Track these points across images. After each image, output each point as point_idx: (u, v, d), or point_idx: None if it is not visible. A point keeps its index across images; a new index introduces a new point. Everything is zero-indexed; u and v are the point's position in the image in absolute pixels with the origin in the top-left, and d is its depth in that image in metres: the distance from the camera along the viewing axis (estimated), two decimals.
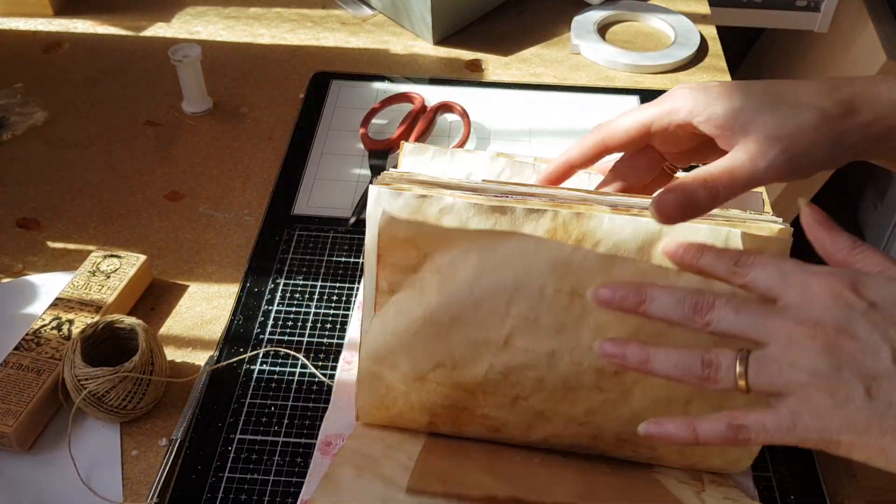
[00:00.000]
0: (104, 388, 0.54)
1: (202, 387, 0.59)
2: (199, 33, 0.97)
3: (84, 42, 0.95)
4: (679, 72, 0.93)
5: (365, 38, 0.97)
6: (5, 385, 0.56)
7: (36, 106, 0.85)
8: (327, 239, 0.71)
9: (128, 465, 0.55)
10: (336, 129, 0.83)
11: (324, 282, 0.68)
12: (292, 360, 0.62)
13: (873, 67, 1.28)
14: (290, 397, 0.59)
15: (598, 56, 0.93)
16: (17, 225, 0.73)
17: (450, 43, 0.96)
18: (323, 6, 1.02)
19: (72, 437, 0.56)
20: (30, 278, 0.68)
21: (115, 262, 0.65)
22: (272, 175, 0.78)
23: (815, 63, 1.46)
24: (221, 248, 0.71)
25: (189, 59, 0.81)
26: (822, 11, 1.28)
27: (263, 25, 0.99)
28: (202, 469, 0.55)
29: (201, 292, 0.67)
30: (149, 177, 0.78)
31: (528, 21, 1.00)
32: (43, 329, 0.60)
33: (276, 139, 0.82)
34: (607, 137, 0.51)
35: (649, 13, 1.00)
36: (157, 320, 0.65)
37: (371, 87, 0.89)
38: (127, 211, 0.74)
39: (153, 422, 0.58)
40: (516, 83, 0.90)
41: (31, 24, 0.97)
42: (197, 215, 0.74)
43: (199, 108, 0.85)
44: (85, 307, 0.61)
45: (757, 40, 1.68)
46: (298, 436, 0.57)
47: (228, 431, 0.57)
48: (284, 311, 0.65)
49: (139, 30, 0.97)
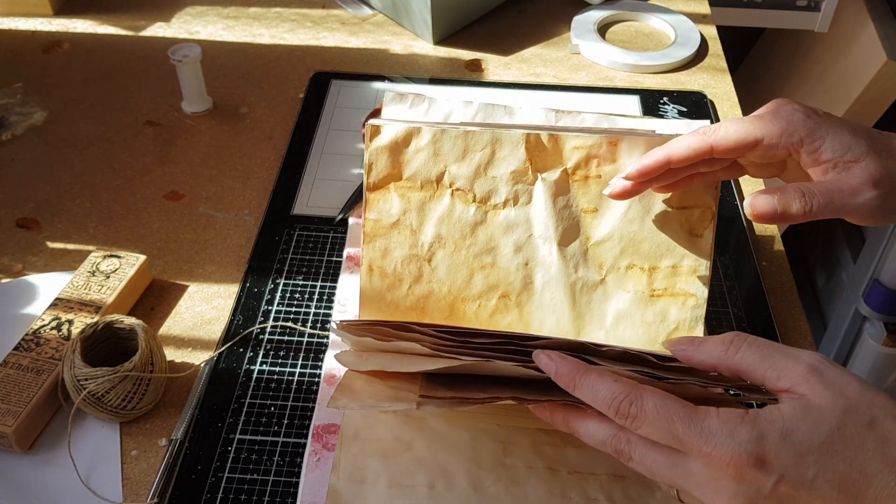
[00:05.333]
0: (104, 388, 0.54)
1: (202, 387, 0.59)
2: (198, 33, 0.97)
3: (84, 42, 0.95)
4: (679, 72, 0.93)
5: (365, 38, 0.97)
6: (5, 385, 0.56)
7: (36, 106, 0.85)
8: (327, 239, 0.71)
9: (127, 465, 0.55)
10: (336, 129, 0.83)
11: (323, 282, 0.67)
12: (292, 360, 0.62)
13: (873, 67, 1.28)
14: (289, 397, 0.59)
15: (598, 56, 0.93)
16: (16, 225, 0.73)
17: (450, 43, 0.96)
18: (323, 6, 1.02)
19: (71, 437, 0.56)
20: (29, 278, 0.68)
21: (115, 262, 0.65)
22: (272, 175, 0.78)
23: (816, 63, 1.45)
24: (221, 248, 0.71)
25: (189, 59, 0.81)
26: (822, 11, 1.27)
27: (263, 25, 0.99)
28: (202, 469, 0.55)
29: (201, 292, 0.67)
30: (148, 177, 0.78)
31: (528, 21, 1.00)
32: (42, 329, 0.60)
33: (276, 139, 0.82)
34: (716, 144, 0.51)
35: (649, 13, 1.00)
36: (156, 320, 0.65)
37: (371, 87, 0.89)
38: (127, 211, 0.74)
39: (153, 422, 0.58)
40: (516, 83, 0.90)
41: (31, 24, 0.97)
42: (197, 215, 0.74)
43: (198, 108, 0.85)
44: (84, 307, 0.61)
45: (757, 40, 1.68)
46: (298, 436, 0.57)
47: (228, 431, 0.57)
48: (284, 311, 0.65)
49: (139, 30, 0.97)
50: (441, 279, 0.58)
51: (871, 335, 1.35)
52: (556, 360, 0.43)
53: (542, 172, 0.57)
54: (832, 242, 1.50)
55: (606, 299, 0.58)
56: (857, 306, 1.36)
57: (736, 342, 0.41)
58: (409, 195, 0.58)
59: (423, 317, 0.59)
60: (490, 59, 0.94)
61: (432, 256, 0.58)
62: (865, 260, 1.35)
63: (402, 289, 0.58)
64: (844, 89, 1.33)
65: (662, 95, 0.89)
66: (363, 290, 0.58)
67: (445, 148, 0.57)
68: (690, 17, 0.99)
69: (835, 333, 1.45)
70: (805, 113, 0.50)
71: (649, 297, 0.58)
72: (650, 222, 0.57)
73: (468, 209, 0.58)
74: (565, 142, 0.57)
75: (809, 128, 0.49)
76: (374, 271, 0.58)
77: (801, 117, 0.50)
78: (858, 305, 1.35)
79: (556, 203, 0.57)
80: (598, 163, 0.57)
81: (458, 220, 0.58)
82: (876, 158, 0.48)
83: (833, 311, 1.46)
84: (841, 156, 0.49)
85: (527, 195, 0.58)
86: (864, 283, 1.34)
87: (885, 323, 1.34)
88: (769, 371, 0.40)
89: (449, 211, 0.58)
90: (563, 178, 0.57)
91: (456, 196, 0.58)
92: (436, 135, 0.57)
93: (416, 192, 0.58)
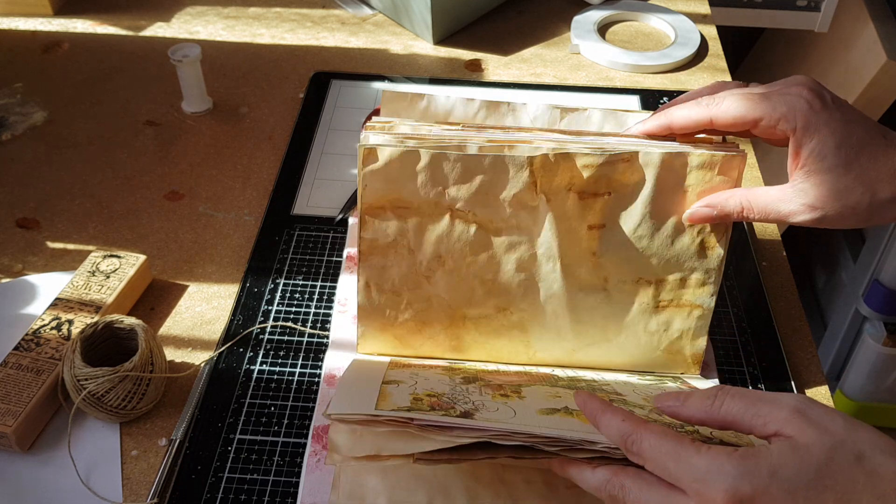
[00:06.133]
0: (104, 388, 0.54)
1: (202, 387, 0.59)
2: (198, 33, 0.97)
3: (84, 42, 0.95)
4: (679, 72, 0.93)
5: (365, 38, 0.97)
6: (5, 385, 0.56)
7: (35, 106, 0.85)
8: (327, 239, 0.71)
9: (127, 465, 0.55)
10: (336, 129, 0.83)
11: (323, 282, 0.67)
12: (292, 360, 0.62)
13: (873, 67, 1.28)
14: (289, 397, 0.59)
15: (598, 56, 0.93)
16: (16, 225, 0.73)
17: (450, 43, 0.96)
18: (323, 6, 1.02)
19: (71, 437, 0.56)
20: (29, 278, 0.68)
21: (115, 262, 0.65)
22: (272, 175, 0.78)
23: (815, 63, 1.45)
24: (221, 248, 0.71)
25: (189, 59, 0.81)
26: (822, 11, 1.27)
27: (263, 25, 0.99)
28: (202, 469, 0.55)
29: (201, 292, 0.67)
30: (148, 177, 0.78)
31: (528, 21, 1.00)
32: (42, 329, 0.60)
33: (276, 139, 0.82)
34: (716, 119, 0.52)
35: (649, 13, 1.00)
36: (156, 320, 0.65)
37: (371, 87, 0.89)
38: (127, 211, 0.74)
39: (153, 422, 0.58)
40: (516, 83, 0.90)
41: (31, 24, 0.97)
42: (197, 215, 0.74)
43: (198, 108, 0.85)
44: (84, 307, 0.61)
45: (757, 40, 1.68)
46: (298, 436, 0.57)
47: (228, 431, 0.57)
48: (284, 311, 0.65)
49: (139, 30, 0.97)
50: (441, 294, 0.57)
51: (871, 335, 1.35)
52: (585, 398, 0.45)
53: (548, 192, 0.54)
54: (832, 242, 1.50)
55: (610, 311, 0.57)
56: (857, 306, 1.36)
57: (720, 395, 0.41)
58: (407, 215, 0.55)
59: (422, 329, 0.58)
60: (490, 59, 0.94)
61: (431, 274, 0.56)
62: (865, 260, 1.35)
63: (402, 303, 0.57)
64: (844, 89, 1.33)
65: (662, 95, 0.89)
66: (361, 305, 0.57)
67: (444, 171, 0.53)
68: (690, 17, 0.99)
69: (835, 333, 1.45)
70: (810, 103, 0.50)
71: (654, 308, 0.57)
72: (661, 238, 0.55)
73: (468, 229, 0.55)
74: (574, 160, 0.53)
75: (807, 121, 0.50)
76: (372, 288, 0.57)
77: (804, 107, 0.50)
78: (858, 305, 1.35)
79: (562, 222, 0.55)
80: (609, 181, 0.54)
81: (458, 240, 0.55)
82: (838, 176, 0.49)
83: (833, 311, 1.46)
84: (813, 163, 0.50)
85: (531, 216, 0.55)
86: (864, 283, 1.34)
87: (885, 323, 1.34)
88: (755, 419, 0.40)
89: (448, 231, 0.55)
90: (570, 198, 0.54)
91: (456, 217, 0.55)
92: (434, 158, 0.53)
93: (414, 213, 0.55)
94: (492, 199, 0.54)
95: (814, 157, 0.50)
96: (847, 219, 0.50)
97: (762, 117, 0.50)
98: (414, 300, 0.57)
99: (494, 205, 0.54)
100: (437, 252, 0.55)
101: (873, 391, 1.42)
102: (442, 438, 0.45)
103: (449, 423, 0.45)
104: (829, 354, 1.46)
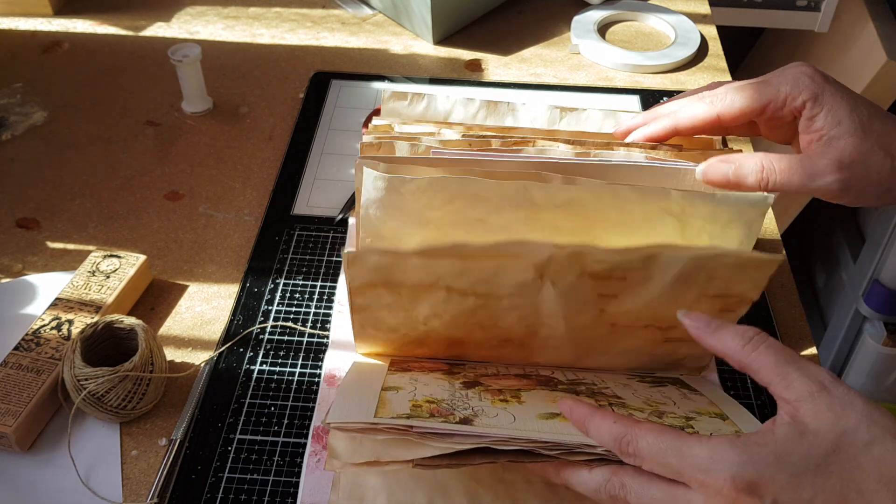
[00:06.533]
0: (104, 388, 0.54)
1: (202, 387, 0.59)
2: (198, 33, 0.97)
3: (84, 42, 0.95)
4: (679, 72, 0.93)
5: (365, 38, 0.97)
6: (5, 385, 0.56)
7: (35, 106, 0.85)
8: (327, 239, 0.71)
9: (127, 465, 0.55)
10: (336, 129, 0.83)
11: (323, 282, 0.67)
12: (292, 360, 0.62)
13: (873, 67, 1.28)
14: (289, 397, 0.59)
15: (598, 56, 0.93)
16: (16, 225, 0.73)
17: (450, 43, 0.96)
18: (323, 6, 1.02)
19: (71, 437, 0.56)
20: (29, 278, 0.68)
21: (115, 262, 0.65)
22: (272, 175, 0.78)
23: (816, 63, 1.45)
24: (221, 248, 0.71)
25: (189, 58, 0.81)
26: (822, 11, 1.27)
27: (263, 25, 0.99)
28: (202, 469, 0.55)
29: (201, 292, 0.67)
30: (148, 177, 0.78)
31: (528, 21, 1.00)
32: (42, 329, 0.60)
33: (276, 139, 0.82)
34: (723, 114, 0.52)
35: (649, 13, 1.00)
36: (156, 320, 0.65)
37: (371, 87, 0.89)
38: (127, 211, 0.74)
39: (153, 422, 0.58)
40: (516, 83, 0.90)
41: (31, 24, 0.97)
42: (197, 215, 0.74)
43: (198, 108, 0.85)
44: (84, 307, 0.61)
45: (757, 40, 1.68)
46: (298, 436, 0.57)
47: (228, 431, 0.57)
48: (284, 311, 0.65)
49: (139, 30, 0.97)
50: (439, 331, 0.54)
51: (871, 335, 1.35)
52: (571, 405, 0.44)
53: (555, 280, 0.49)
54: (832, 242, 1.50)
55: (614, 344, 0.54)
56: (857, 306, 1.36)
57: (756, 341, 0.41)
58: (400, 289, 0.50)
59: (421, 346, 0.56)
60: (490, 59, 0.94)
61: (429, 321, 0.53)
62: (865, 260, 1.35)
63: (398, 335, 0.54)
64: None
65: (662, 95, 0.89)
66: (357, 335, 0.55)
67: (439, 267, 0.48)
68: (690, 17, 0.99)
69: (835, 333, 1.44)
70: (811, 77, 0.50)
71: (663, 341, 0.54)
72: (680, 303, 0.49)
73: (466, 300, 0.51)
74: (587, 257, 0.47)
75: (814, 92, 0.49)
76: (368, 328, 0.54)
77: (807, 81, 0.50)
78: (858, 305, 1.35)
79: (569, 298, 0.50)
80: (625, 271, 0.48)
81: (457, 306, 0.51)
82: (860, 139, 0.48)
83: (833, 311, 1.46)
84: (829, 129, 0.49)
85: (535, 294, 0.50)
86: (864, 283, 1.34)
87: (885, 323, 1.34)
88: (779, 378, 0.39)
89: (445, 301, 0.51)
90: (580, 282, 0.49)
91: (453, 292, 0.50)
92: (428, 254, 0.47)
93: (408, 290, 0.50)
94: (493, 287, 0.50)
95: (830, 123, 0.49)
96: (870, 188, 0.49)
97: (769, 101, 0.50)
98: (411, 332, 0.54)
99: (495, 289, 0.50)
100: (434, 312, 0.52)
101: (873, 391, 1.42)
102: (441, 445, 0.45)
103: (448, 430, 0.45)
104: (829, 354, 1.46)
